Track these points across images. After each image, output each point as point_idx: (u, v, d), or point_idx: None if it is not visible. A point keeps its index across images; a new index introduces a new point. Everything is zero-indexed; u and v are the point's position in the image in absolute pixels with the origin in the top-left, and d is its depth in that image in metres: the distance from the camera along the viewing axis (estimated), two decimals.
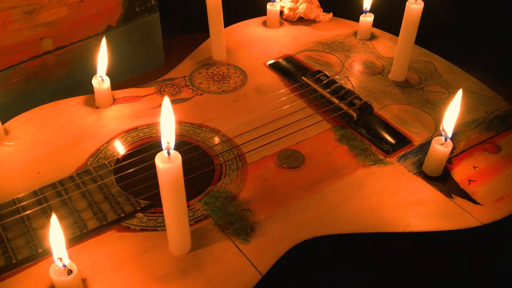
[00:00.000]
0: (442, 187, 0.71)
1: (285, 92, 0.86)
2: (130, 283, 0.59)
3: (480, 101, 0.85)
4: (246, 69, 0.91)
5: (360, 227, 0.66)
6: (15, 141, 0.76)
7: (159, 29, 1.06)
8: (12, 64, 0.89)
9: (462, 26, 1.15)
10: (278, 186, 0.70)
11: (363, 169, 0.73)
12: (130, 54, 1.04)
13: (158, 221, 0.65)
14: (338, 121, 0.81)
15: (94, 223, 0.64)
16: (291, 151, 0.75)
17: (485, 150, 0.76)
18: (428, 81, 0.89)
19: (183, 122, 0.80)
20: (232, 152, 0.75)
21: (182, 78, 0.89)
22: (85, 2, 0.92)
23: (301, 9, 1.01)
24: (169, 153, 0.55)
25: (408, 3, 0.82)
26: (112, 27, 0.98)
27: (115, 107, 0.83)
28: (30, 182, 0.70)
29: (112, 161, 0.73)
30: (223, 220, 0.66)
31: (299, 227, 0.65)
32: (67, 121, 0.80)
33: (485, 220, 0.67)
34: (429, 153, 0.72)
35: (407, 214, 0.67)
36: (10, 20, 0.85)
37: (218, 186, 0.70)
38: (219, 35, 0.91)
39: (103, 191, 0.68)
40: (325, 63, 0.93)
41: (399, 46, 0.87)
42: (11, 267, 0.60)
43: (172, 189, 0.56)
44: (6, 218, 0.64)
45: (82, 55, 0.96)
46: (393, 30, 0.98)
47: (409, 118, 0.82)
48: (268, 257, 0.62)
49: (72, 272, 0.56)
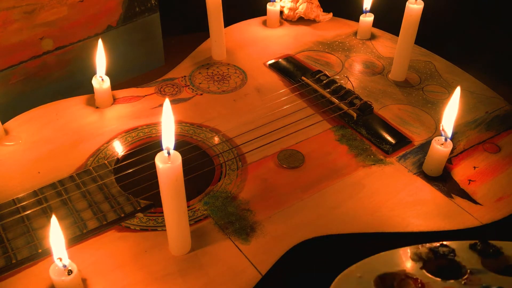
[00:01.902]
0: (442, 187, 0.71)
1: (285, 92, 0.86)
2: (130, 283, 0.59)
3: (480, 101, 0.85)
4: (246, 69, 0.91)
5: (360, 227, 0.66)
6: (15, 141, 0.76)
7: (159, 29, 1.06)
8: (12, 64, 0.89)
9: (462, 26, 1.15)
10: (278, 186, 0.70)
11: (363, 169, 0.73)
12: (130, 54, 1.04)
13: (158, 221, 0.66)
14: (338, 121, 0.81)
15: (94, 223, 0.64)
16: (291, 151, 0.75)
17: (485, 150, 0.76)
18: (428, 81, 0.89)
19: (183, 122, 0.80)
20: (232, 152, 0.75)
21: (182, 78, 0.89)
22: (85, 2, 0.92)
23: (301, 9, 1.01)
24: (169, 153, 0.55)
25: (408, 3, 0.82)
26: (112, 27, 0.98)
27: (115, 107, 0.83)
28: (30, 182, 0.70)
29: (112, 161, 0.73)
30: (223, 220, 0.66)
31: (299, 227, 0.65)
32: (67, 121, 0.80)
33: (485, 220, 0.67)
34: (429, 153, 0.72)
35: (407, 214, 0.67)
36: (10, 20, 0.85)
37: (218, 186, 0.70)
38: (219, 35, 0.91)
39: (103, 191, 0.68)
40: (325, 63, 0.93)
41: (399, 46, 0.87)
42: (11, 267, 0.60)
43: (172, 189, 0.56)
44: (6, 218, 0.64)
45: (82, 55, 0.96)
46: (393, 30, 0.98)
47: (409, 118, 0.82)
48: (268, 257, 0.62)
49: (72, 272, 0.56)
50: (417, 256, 0.57)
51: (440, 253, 0.57)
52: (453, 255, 0.57)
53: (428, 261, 0.56)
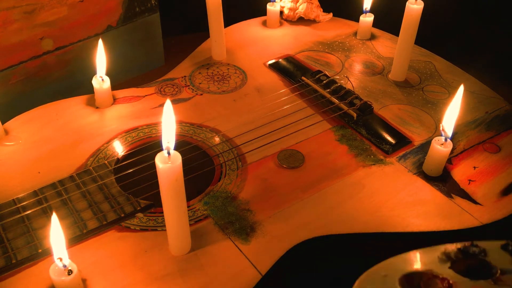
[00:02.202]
0: (442, 187, 0.71)
1: (285, 92, 0.86)
2: (130, 283, 0.59)
3: (480, 101, 0.85)
4: (246, 69, 0.91)
5: (360, 227, 0.66)
6: (15, 141, 0.76)
7: (159, 29, 1.06)
8: (12, 64, 0.89)
9: (462, 26, 1.15)
10: (278, 186, 0.70)
11: (363, 169, 0.73)
12: (130, 54, 1.04)
13: (158, 221, 0.66)
14: (338, 121, 0.81)
15: (94, 223, 0.64)
16: (291, 151, 0.75)
17: (485, 150, 0.76)
18: (428, 81, 0.89)
19: (183, 122, 0.80)
20: (232, 152, 0.75)
21: (182, 78, 0.89)
22: (85, 2, 0.92)
23: (301, 9, 1.01)
24: (169, 153, 0.55)
25: (408, 3, 0.82)
26: (112, 27, 0.98)
27: (115, 107, 0.83)
28: (30, 182, 0.70)
29: (112, 161, 0.73)
30: (223, 220, 0.66)
31: (299, 227, 0.65)
32: (67, 121, 0.80)
33: (485, 220, 0.67)
34: (429, 153, 0.72)
35: (407, 214, 0.67)
36: (10, 20, 0.85)
37: (218, 186, 0.70)
38: (219, 35, 0.91)
39: (103, 191, 0.68)
40: (325, 63, 0.93)
41: (399, 46, 0.87)
42: (11, 267, 0.60)
43: (172, 189, 0.56)
44: (6, 218, 0.64)
45: (82, 55, 0.96)
46: (393, 30, 0.98)
47: (409, 118, 0.82)
48: (268, 257, 0.62)
49: (72, 272, 0.56)
50: (446, 256, 0.56)
51: (470, 253, 0.56)
52: (484, 255, 0.56)
53: (457, 260, 0.55)
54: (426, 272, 0.55)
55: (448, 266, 0.55)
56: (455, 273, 0.54)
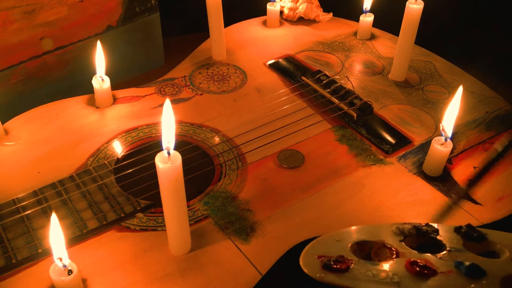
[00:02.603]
0: (442, 187, 0.71)
1: (285, 92, 0.86)
2: (130, 283, 0.59)
3: (480, 101, 0.85)
4: (246, 69, 0.91)
5: None
6: (15, 141, 0.76)
7: (159, 29, 1.06)
8: (12, 64, 0.89)
9: (462, 26, 1.15)
10: (278, 186, 0.70)
11: (363, 169, 0.73)
12: (130, 54, 1.04)
13: (158, 221, 0.66)
14: (338, 121, 0.81)
15: (94, 223, 0.64)
16: (291, 151, 0.75)
17: (485, 150, 0.76)
18: (428, 81, 0.89)
19: (183, 122, 0.80)
20: (232, 152, 0.75)
21: (182, 78, 0.89)
22: (85, 2, 0.92)
23: (301, 9, 1.01)
24: (169, 153, 0.55)
25: (408, 3, 0.82)
26: (112, 27, 0.98)
27: (115, 107, 0.83)
28: (30, 182, 0.70)
29: (112, 161, 0.73)
30: (223, 220, 0.66)
31: (299, 227, 0.65)
32: (67, 121, 0.80)
33: (485, 220, 0.67)
34: (429, 153, 0.72)
35: (407, 214, 0.67)
36: (10, 20, 0.85)
37: (218, 186, 0.70)
38: (219, 35, 0.91)
39: (103, 191, 0.68)
40: (325, 63, 0.93)
41: (399, 46, 0.87)
42: (11, 267, 0.60)
43: (172, 189, 0.56)
44: (6, 218, 0.64)
45: (82, 55, 0.96)
46: (393, 30, 0.98)
47: (409, 118, 0.82)
48: (268, 257, 0.62)
49: (72, 272, 0.56)
50: (399, 231, 0.58)
51: (423, 231, 0.58)
52: (436, 234, 0.58)
53: (409, 236, 0.57)
54: (377, 241, 0.57)
55: (400, 239, 0.57)
56: (405, 246, 0.56)
